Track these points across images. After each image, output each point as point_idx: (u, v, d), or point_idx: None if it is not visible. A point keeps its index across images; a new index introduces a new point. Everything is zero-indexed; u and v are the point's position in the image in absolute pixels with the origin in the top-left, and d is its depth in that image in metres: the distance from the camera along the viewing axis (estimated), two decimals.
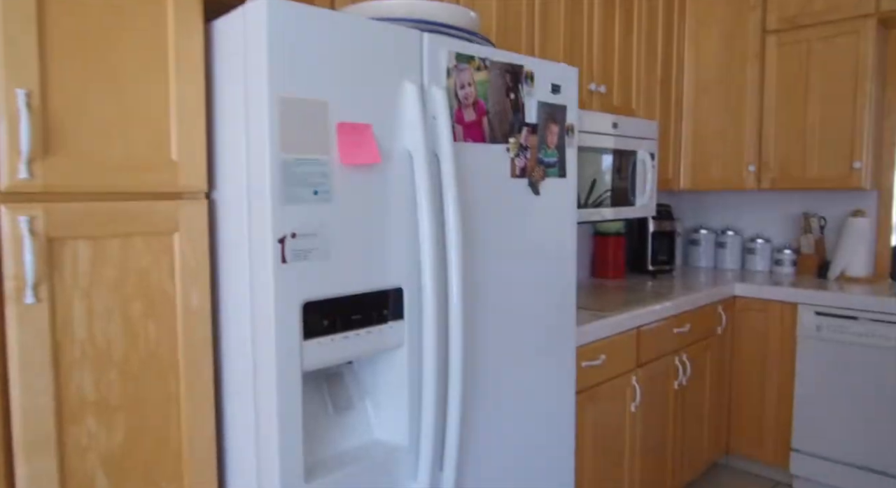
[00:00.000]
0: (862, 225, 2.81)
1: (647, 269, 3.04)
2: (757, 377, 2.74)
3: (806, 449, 2.61)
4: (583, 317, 2.01)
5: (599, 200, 2.33)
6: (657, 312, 2.24)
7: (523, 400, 1.50)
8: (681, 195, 3.53)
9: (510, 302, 1.43)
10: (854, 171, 2.68)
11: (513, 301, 1.44)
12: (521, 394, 1.49)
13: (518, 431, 1.49)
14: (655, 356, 2.26)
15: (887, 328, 2.38)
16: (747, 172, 2.96)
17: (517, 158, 1.40)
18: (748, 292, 2.74)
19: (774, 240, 3.22)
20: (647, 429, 2.25)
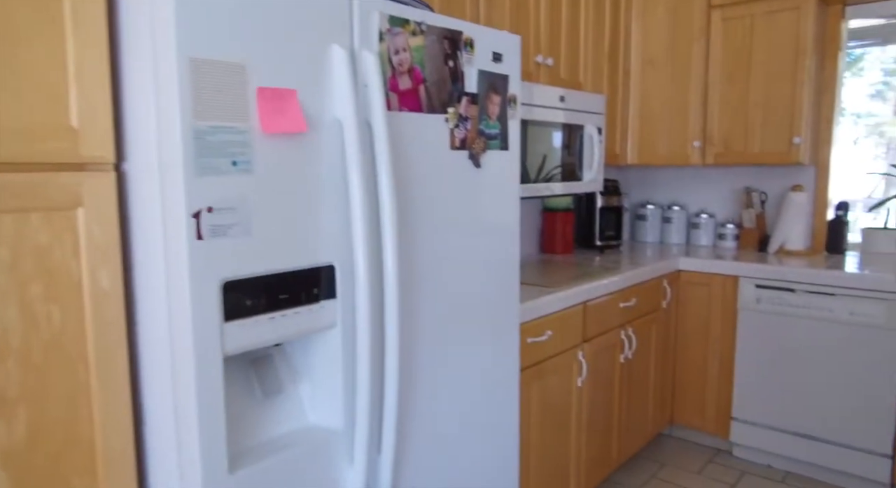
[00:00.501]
0: (800, 199, 2.87)
1: (595, 244, 3.06)
2: (700, 349, 2.80)
3: (745, 417, 2.69)
4: (529, 292, 1.99)
5: (549, 176, 2.30)
6: (604, 287, 2.24)
7: (465, 379, 1.47)
8: (628, 170, 3.55)
9: (450, 279, 1.38)
10: (794, 147, 2.73)
11: (453, 278, 1.39)
12: (463, 373, 1.46)
13: (460, 411, 1.46)
14: (602, 330, 2.27)
15: (822, 299, 2.45)
16: (692, 148, 2.98)
17: (457, 129, 1.35)
18: (692, 266, 2.79)
19: (718, 215, 3.28)
20: (593, 403, 2.27)
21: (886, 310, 2.31)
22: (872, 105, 3.13)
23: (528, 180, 2.21)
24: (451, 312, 1.39)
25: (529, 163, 2.21)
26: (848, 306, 2.39)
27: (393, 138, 1.21)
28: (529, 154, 2.20)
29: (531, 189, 2.22)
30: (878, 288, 2.32)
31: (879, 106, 3.13)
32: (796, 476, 2.60)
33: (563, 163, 2.38)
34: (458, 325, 1.42)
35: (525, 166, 2.18)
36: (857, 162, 3.15)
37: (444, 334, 1.39)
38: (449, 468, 1.44)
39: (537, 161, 2.24)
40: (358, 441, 1.12)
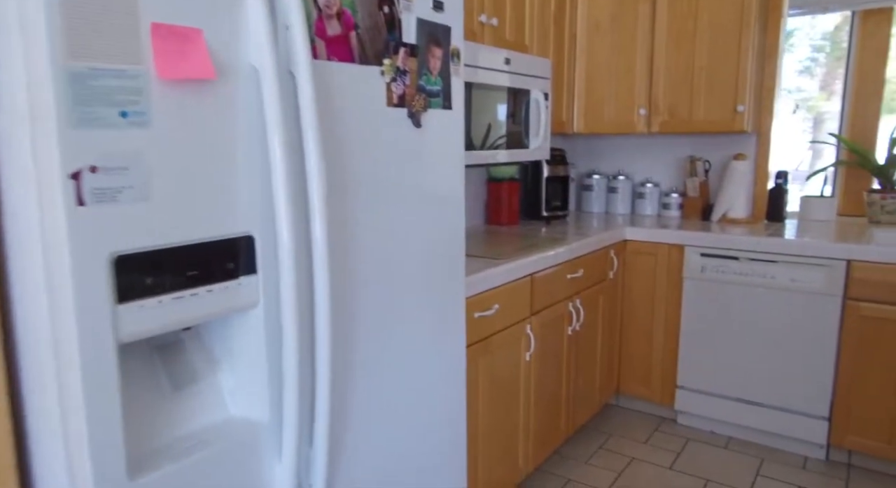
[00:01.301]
0: (743, 168, 2.88)
1: (542, 215, 2.99)
2: (646, 319, 2.79)
3: (689, 385, 2.70)
4: (475, 265, 1.89)
5: (494, 143, 2.19)
6: (551, 258, 2.17)
7: (409, 359, 1.36)
8: (574, 140, 3.49)
9: (389, 251, 1.26)
10: (738, 115, 2.71)
11: (392, 250, 1.27)
12: (405, 353, 1.34)
13: (404, 393, 1.36)
14: (549, 303, 2.20)
15: (765, 266, 2.46)
16: (638, 115, 2.93)
17: (394, 84, 1.21)
18: (638, 236, 2.75)
19: (663, 184, 3.26)
20: (541, 377, 2.21)
21: (825, 275, 2.34)
22: (801, 81, 3.16)
23: (472, 147, 2.09)
24: (391, 287, 1.27)
25: (474, 130, 2.09)
26: (789, 273, 2.41)
27: (320, 91, 1.07)
28: (474, 120, 2.08)
29: (476, 156, 2.11)
30: (818, 254, 2.34)
31: (807, 81, 3.16)
32: (738, 440, 2.64)
33: (508, 131, 2.27)
34: (399, 301, 1.30)
35: (469, 133, 2.06)
36: (788, 134, 3.19)
37: (384, 311, 1.26)
38: (393, 454, 1.34)
39: (482, 127, 2.13)
40: (287, 433, 1.00)
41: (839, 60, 3.09)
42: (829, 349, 2.37)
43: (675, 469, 2.42)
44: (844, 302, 2.32)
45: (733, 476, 2.36)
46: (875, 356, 2.28)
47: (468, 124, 2.05)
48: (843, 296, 2.32)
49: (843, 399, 2.36)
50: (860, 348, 2.30)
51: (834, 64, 3.12)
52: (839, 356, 2.35)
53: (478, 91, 2.08)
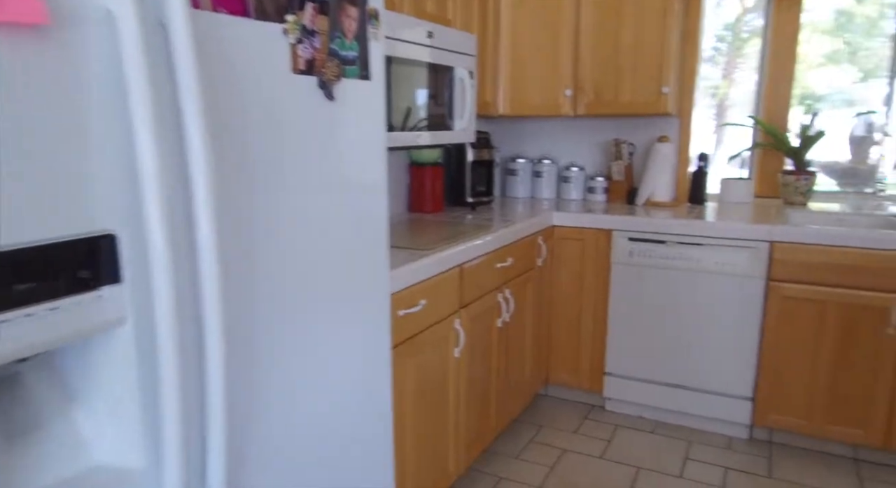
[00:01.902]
0: (666, 151, 2.85)
1: (467, 201, 2.85)
2: (575, 306, 2.72)
3: (618, 372, 2.66)
4: (400, 257, 1.71)
5: (416, 125, 2.01)
6: (479, 247, 2.03)
7: (327, 370, 1.17)
8: (499, 123, 3.37)
9: (299, 248, 1.07)
10: (662, 96, 2.67)
11: (303, 247, 1.07)
12: (322, 366, 1.16)
13: (322, 411, 1.17)
14: (478, 294, 2.07)
15: (691, 250, 2.44)
16: (564, 97, 2.84)
17: (300, 46, 1.01)
18: (566, 221, 2.67)
19: (588, 167, 3.20)
20: (471, 373, 2.08)
21: (749, 258, 2.34)
22: (705, 69, 3.18)
23: (392, 129, 1.91)
24: (303, 289, 1.08)
25: (394, 110, 1.90)
26: (715, 256, 2.40)
27: (204, 50, 0.85)
28: (394, 99, 1.89)
29: (397, 138, 1.92)
30: (743, 237, 2.33)
31: (711, 69, 3.19)
32: (666, 424, 2.63)
33: (431, 111, 2.10)
34: (313, 306, 1.11)
35: (389, 113, 1.88)
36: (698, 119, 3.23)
37: (295, 319, 1.07)
38: (309, 476, 1.15)
39: (402, 107, 1.95)
40: (169, 481, 0.79)
41: (739, 50, 3.15)
42: (752, 330, 2.38)
43: (606, 458, 2.37)
44: (767, 283, 2.33)
45: (663, 461, 2.34)
46: (796, 335, 2.31)
47: (388, 103, 1.87)
48: (767, 278, 2.33)
49: (765, 379, 2.38)
50: (782, 328, 2.33)
51: (735, 53, 3.18)
52: (762, 337, 2.37)
53: (398, 67, 1.90)
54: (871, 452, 2.33)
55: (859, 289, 2.19)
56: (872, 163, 2.97)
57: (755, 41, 3.08)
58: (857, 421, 2.25)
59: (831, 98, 3.02)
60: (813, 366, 2.30)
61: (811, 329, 2.28)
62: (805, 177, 2.83)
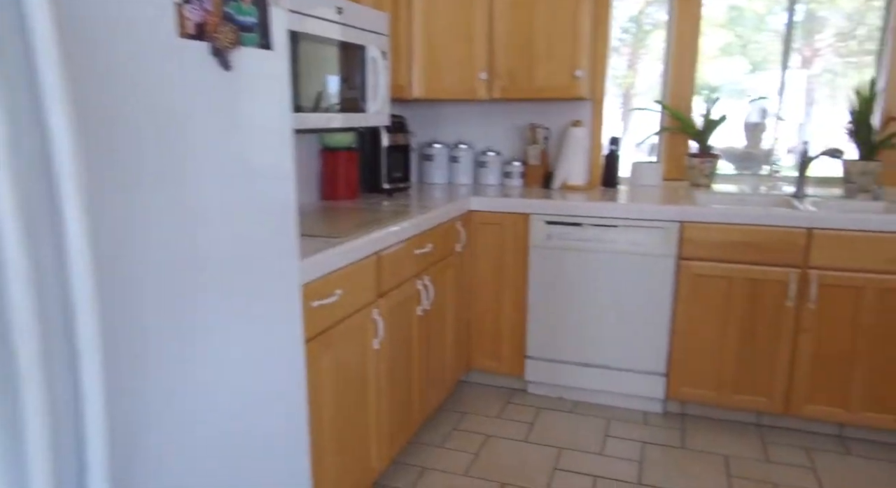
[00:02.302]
0: (580, 135, 2.89)
1: (383, 188, 2.76)
2: (494, 290, 2.71)
3: (538, 354, 2.69)
4: (312, 246, 1.62)
5: (327, 107, 1.91)
6: (397, 234, 1.96)
7: (229, 368, 1.07)
8: (414, 107, 3.30)
9: (193, 241, 0.96)
10: (576, 80, 2.69)
11: (198, 240, 0.97)
12: (223, 361, 1.06)
13: (226, 407, 1.07)
14: (397, 282, 2.00)
15: (606, 231, 2.48)
16: (479, 81, 2.80)
17: (188, 7, 0.90)
18: (484, 206, 2.65)
19: (504, 152, 3.20)
20: (392, 364, 2.01)
21: (661, 238, 2.40)
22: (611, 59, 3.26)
23: (301, 110, 1.80)
24: (198, 286, 0.98)
25: (303, 91, 1.80)
26: (629, 236, 2.45)
27: (67, 12, 0.73)
28: (303, 79, 1.79)
29: (307, 120, 1.82)
30: (655, 217, 2.40)
31: (616, 60, 3.26)
32: (586, 404, 2.68)
33: (343, 93, 2.00)
34: (213, 302, 1.01)
35: (298, 94, 1.77)
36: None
37: (191, 317, 0.97)
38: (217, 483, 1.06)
39: (313, 88, 1.84)
40: None
41: (642, 41, 3.25)
42: (664, 308, 2.45)
43: (529, 441, 2.38)
44: (678, 262, 2.41)
45: (585, 440, 2.38)
46: (705, 311, 2.40)
47: (296, 84, 1.76)
48: (677, 257, 2.41)
49: (677, 354, 2.47)
50: (692, 305, 2.41)
51: (638, 44, 3.28)
52: (674, 314, 2.45)
53: (308, 45, 1.79)
54: (773, 417, 2.47)
55: (761, 265, 2.30)
56: (766, 147, 3.14)
57: (657, 33, 3.18)
58: (760, 389, 2.38)
59: (726, 88, 3.15)
60: (721, 339, 2.40)
61: (718, 304, 2.38)
62: (709, 160, 2.95)
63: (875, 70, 2.86)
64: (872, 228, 2.15)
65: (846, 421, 2.30)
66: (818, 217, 2.20)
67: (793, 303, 2.28)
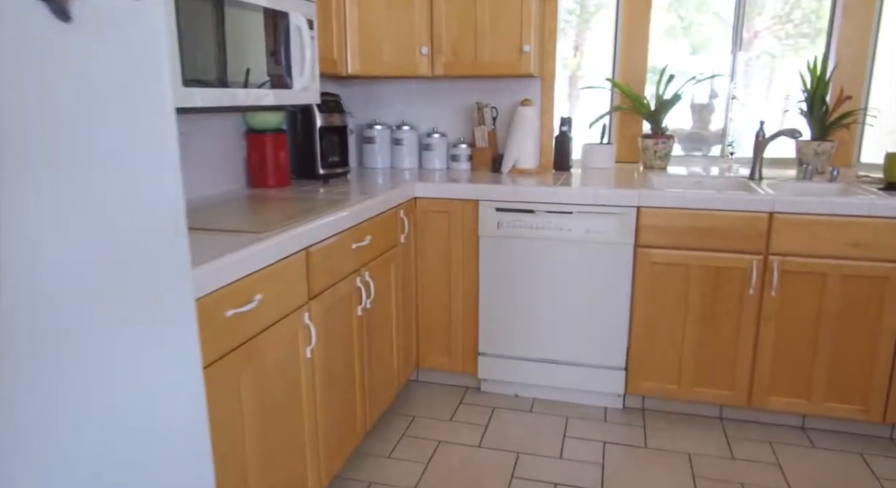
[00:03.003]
0: (530, 114, 2.70)
1: (318, 173, 2.51)
2: (443, 283, 2.51)
3: (491, 351, 2.51)
4: (228, 243, 1.38)
5: (246, 81, 1.65)
6: (330, 226, 1.73)
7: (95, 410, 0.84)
8: (351, 86, 3.04)
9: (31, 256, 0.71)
10: (524, 56, 2.50)
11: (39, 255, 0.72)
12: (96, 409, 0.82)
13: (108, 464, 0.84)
14: (332, 281, 1.78)
15: (561, 219, 2.31)
16: (420, 55, 2.58)
17: None
18: (430, 192, 2.43)
19: (450, 134, 2.99)
20: (329, 372, 1.79)
21: (618, 224, 2.25)
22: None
23: (211, 85, 1.54)
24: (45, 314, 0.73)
25: (211, 61, 1.54)
26: (584, 223, 2.29)
27: None
28: (208, 47, 1.53)
29: (219, 95, 1.56)
30: (611, 203, 2.24)
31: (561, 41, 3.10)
32: (543, 401, 2.53)
33: (268, 68, 1.74)
34: (65, 336, 0.76)
35: (224, 68, 1.51)
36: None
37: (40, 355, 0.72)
38: None
39: (236, 62, 1.58)
40: None
41: (587, 23, 3.10)
42: (623, 298, 2.31)
43: (484, 446, 2.21)
44: (635, 249, 2.26)
45: (542, 442, 2.22)
46: (664, 301, 2.27)
47: (221, 56, 1.50)
48: (635, 244, 2.26)
49: (636, 347, 2.33)
50: (651, 295, 2.28)
51: (583, 26, 3.13)
52: (633, 304, 2.31)
53: (231, 11, 1.53)
54: (736, 410, 2.38)
55: (720, 251, 2.18)
56: (715, 128, 3.04)
57: (603, 13, 3.02)
58: (723, 381, 2.27)
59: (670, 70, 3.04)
60: (681, 330, 2.28)
61: (678, 294, 2.25)
62: (663, 141, 2.82)
63: (825, 48, 2.78)
64: (836, 212, 2.05)
65: (809, 412, 2.22)
66: (780, 200, 2.09)
67: (755, 291, 2.17)
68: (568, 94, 3.17)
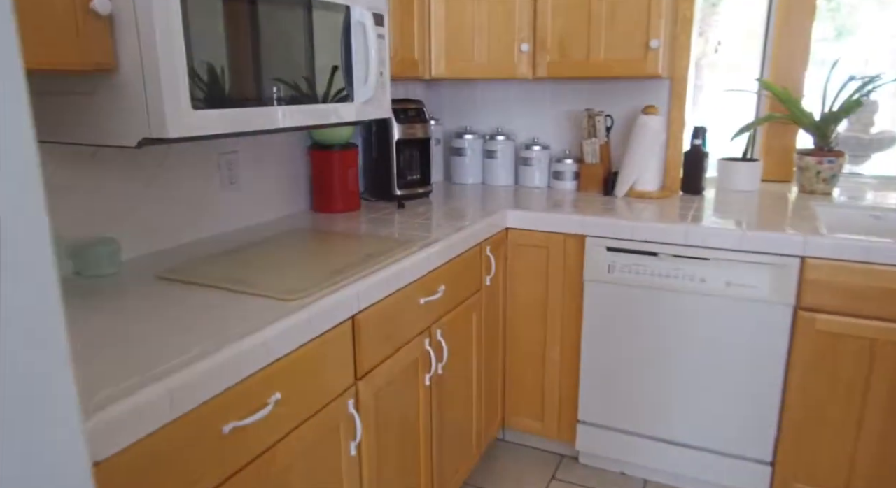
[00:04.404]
0: (654, 125, 2.17)
1: (394, 194, 2.14)
2: (537, 334, 2.07)
3: (595, 420, 2.04)
4: (254, 313, 1.02)
5: (288, 94, 1.29)
6: (391, 280, 1.34)
7: None
8: (439, 88, 2.64)
9: None
10: (651, 53, 1.98)
11: None
12: None
13: None
14: (390, 351, 1.39)
15: (692, 265, 1.78)
16: (520, 53, 2.13)
17: None
18: (524, 223, 1.99)
19: (554, 146, 2.52)
20: (382, 464, 1.41)
21: (770, 277, 1.70)
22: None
23: (235, 103, 1.20)
24: None
25: (234, 72, 1.19)
26: (725, 274, 1.75)
27: None
28: (233, 53, 1.18)
29: (242, 118, 1.21)
30: (764, 249, 1.69)
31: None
32: (656, 484, 2.03)
33: (315, 73, 1.38)
34: None
35: (259, 77, 1.16)
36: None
37: None
38: None
39: (271, 70, 1.23)
40: None
41: (714, 6, 2.50)
42: (774, 374, 1.76)
43: None
44: (796, 312, 1.70)
45: None
46: (832, 383, 1.70)
47: (252, 65, 1.15)
48: (795, 306, 1.70)
49: (790, 438, 1.77)
50: (813, 373, 1.71)
51: (708, 10, 2.53)
52: (787, 383, 1.75)
53: (266, 5, 1.17)
54: None
55: None
56: (878, 130, 2.37)
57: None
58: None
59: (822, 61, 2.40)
60: (856, 423, 1.70)
61: (854, 375, 1.67)
62: (830, 160, 2.19)
63: None
64: None
65: None
66: None
67: None
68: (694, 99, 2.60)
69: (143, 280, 1.27)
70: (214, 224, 1.63)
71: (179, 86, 1.04)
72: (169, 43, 1.01)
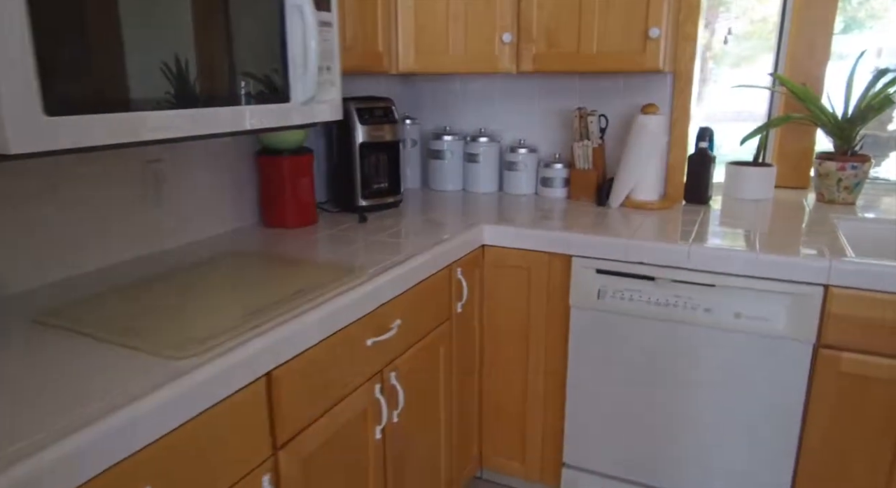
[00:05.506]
0: (654, 126, 1.91)
1: (357, 205, 1.89)
2: (517, 365, 1.82)
3: (581, 464, 1.79)
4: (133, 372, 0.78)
5: (208, 91, 1.05)
6: (322, 324, 1.10)
7: None
8: (414, 84, 2.39)
9: None
10: (650, 43, 1.72)
11: None
12: None
13: None
14: (324, 407, 1.15)
15: (695, 292, 1.53)
16: (501, 44, 1.87)
17: None
18: (502, 239, 1.74)
19: (542, 148, 2.26)
20: None
21: (787, 308, 1.44)
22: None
23: (113, 106, 0.95)
24: None
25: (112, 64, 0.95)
26: (734, 303, 1.50)
27: None
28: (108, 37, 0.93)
29: (116, 126, 0.96)
30: (780, 276, 1.44)
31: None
32: None
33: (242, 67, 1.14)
34: None
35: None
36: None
37: None
38: None
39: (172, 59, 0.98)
40: None
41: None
42: (789, 421, 1.51)
43: None
44: (816, 351, 1.45)
45: None
46: (857, 428, 1.45)
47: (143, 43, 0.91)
48: (816, 343, 1.45)
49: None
50: (835, 419, 1.46)
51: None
52: (804, 431, 1.50)
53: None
54: None
55: None
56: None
57: None
58: None
59: None
60: (886, 476, 1.45)
61: (883, 423, 1.42)
62: (854, 166, 1.93)
63: None
64: None
65: None
66: None
67: None
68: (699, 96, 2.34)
69: (14, 323, 1.03)
70: (131, 247, 1.39)
71: (24, 83, 0.79)
72: (5, 24, 0.76)
